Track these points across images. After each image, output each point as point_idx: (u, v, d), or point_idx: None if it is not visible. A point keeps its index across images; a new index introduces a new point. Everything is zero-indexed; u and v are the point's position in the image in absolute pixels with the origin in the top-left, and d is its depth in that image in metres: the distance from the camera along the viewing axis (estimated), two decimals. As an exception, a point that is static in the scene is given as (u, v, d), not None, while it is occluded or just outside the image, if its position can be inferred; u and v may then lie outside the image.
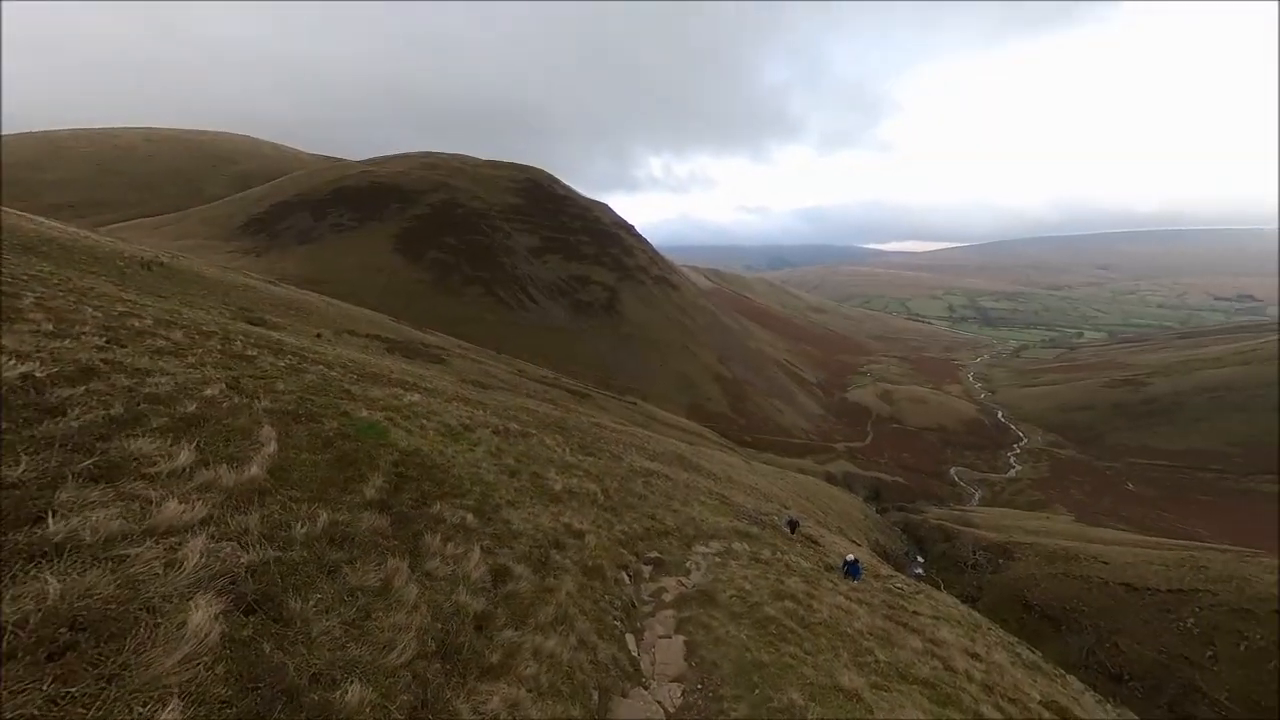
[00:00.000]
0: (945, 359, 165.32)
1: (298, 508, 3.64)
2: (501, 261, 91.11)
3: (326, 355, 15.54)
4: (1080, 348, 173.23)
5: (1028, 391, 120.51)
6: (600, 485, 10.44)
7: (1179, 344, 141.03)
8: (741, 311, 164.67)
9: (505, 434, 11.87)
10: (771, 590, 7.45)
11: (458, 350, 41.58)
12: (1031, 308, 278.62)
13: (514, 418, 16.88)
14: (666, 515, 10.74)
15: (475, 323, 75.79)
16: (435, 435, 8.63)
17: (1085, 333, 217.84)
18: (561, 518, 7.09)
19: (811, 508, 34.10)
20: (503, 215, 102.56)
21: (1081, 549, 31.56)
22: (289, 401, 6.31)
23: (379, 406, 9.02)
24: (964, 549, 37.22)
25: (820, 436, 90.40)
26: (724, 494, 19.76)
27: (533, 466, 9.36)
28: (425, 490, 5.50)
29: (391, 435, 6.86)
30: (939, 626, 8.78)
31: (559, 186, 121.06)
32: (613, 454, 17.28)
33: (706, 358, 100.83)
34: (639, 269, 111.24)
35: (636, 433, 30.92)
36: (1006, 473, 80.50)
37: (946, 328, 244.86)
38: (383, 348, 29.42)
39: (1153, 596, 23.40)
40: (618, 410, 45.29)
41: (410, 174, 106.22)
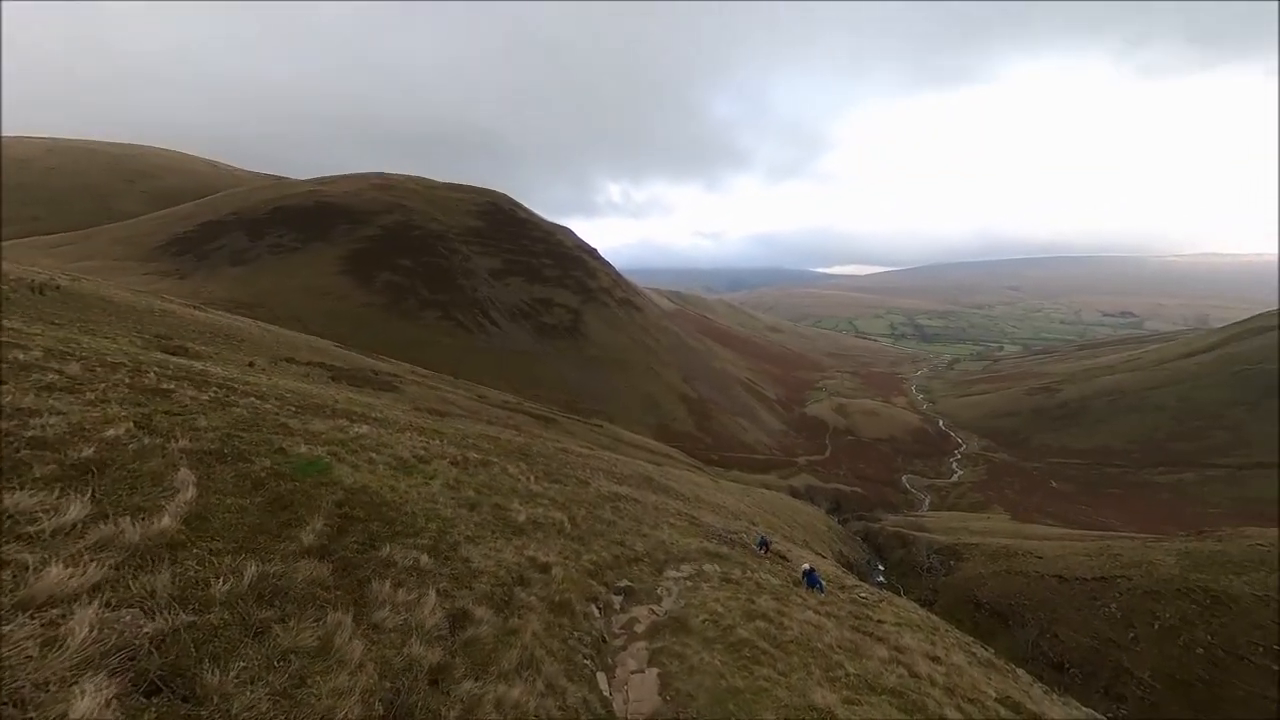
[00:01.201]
0: (891, 373, 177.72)
1: (219, 561, 3.21)
2: (461, 284, 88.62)
3: (260, 386, 14.18)
4: (1002, 360, 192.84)
5: (962, 401, 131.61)
6: (567, 513, 10.07)
7: (1079, 355, 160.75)
8: (704, 332, 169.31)
9: (464, 464, 11.25)
10: (743, 611, 7.40)
11: (412, 377, 39.37)
12: (960, 325, 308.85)
13: (474, 446, 16.07)
14: (636, 540, 10.49)
15: (432, 347, 72.47)
16: (386, 469, 8.02)
17: (1005, 346, 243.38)
18: (526, 551, 6.73)
19: (778, 523, 34.64)
20: (462, 238, 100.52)
21: (1019, 546, 34.12)
22: (212, 440, 5.66)
23: (321, 441, 8.30)
24: (919, 554, 39.10)
25: (783, 451, 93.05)
26: (693, 515, 19.67)
27: (494, 498, 8.89)
28: (374, 531, 5.05)
29: (335, 472, 6.30)
30: (902, 633, 9.06)
31: (521, 210, 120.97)
32: (579, 479, 16.80)
33: (671, 378, 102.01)
34: (602, 291, 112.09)
35: (604, 456, 30.35)
36: (950, 477, 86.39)
37: (890, 344, 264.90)
38: (327, 376, 27.29)
39: (1081, 586, 25.57)
40: (584, 434, 44.37)
41: (362, 194, 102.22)
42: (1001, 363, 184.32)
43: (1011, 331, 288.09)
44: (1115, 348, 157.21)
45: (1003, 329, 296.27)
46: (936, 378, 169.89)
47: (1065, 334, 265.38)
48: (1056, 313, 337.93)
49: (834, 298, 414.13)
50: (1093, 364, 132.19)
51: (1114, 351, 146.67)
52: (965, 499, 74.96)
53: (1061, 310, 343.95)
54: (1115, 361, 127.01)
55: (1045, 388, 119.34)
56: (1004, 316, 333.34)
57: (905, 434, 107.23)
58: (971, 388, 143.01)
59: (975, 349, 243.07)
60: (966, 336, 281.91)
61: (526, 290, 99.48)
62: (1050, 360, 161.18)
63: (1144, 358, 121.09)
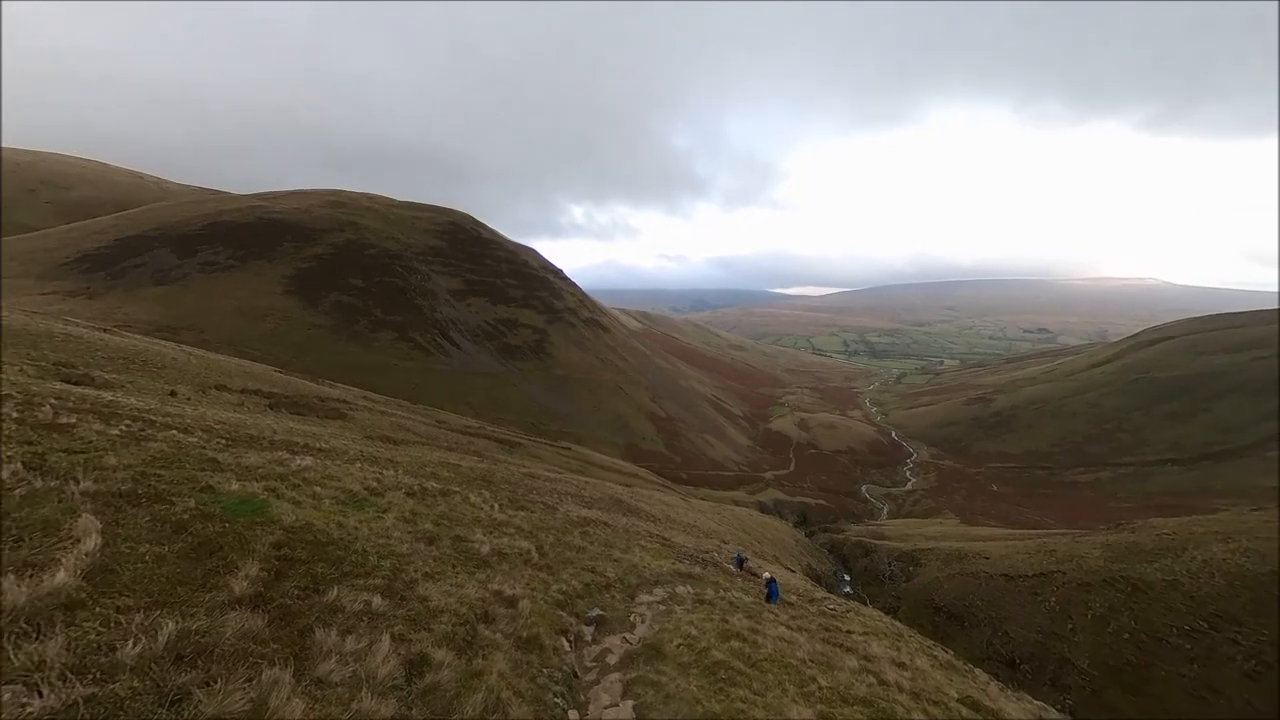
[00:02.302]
0: (846, 387, 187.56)
1: (128, 620, 2.80)
2: (419, 304, 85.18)
3: (183, 417, 12.75)
4: (943, 373, 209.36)
5: (911, 412, 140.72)
6: (534, 542, 9.64)
7: (1007, 368, 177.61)
8: (671, 351, 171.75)
9: (421, 495, 10.57)
10: (718, 632, 7.31)
11: (363, 402, 36.85)
12: (905, 341, 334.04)
13: (432, 475, 15.16)
14: (607, 566, 10.18)
15: (387, 371, 68.52)
16: (333, 505, 7.39)
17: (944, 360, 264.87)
18: (491, 584, 6.35)
19: (749, 540, 34.84)
20: (421, 257, 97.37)
21: (969, 548, 36.24)
22: (123, 480, 5.02)
23: (257, 476, 7.56)
24: (881, 562, 40.52)
25: (750, 467, 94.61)
26: (664, 535, 19.41)
27: (455, 529, 8.38)
28: (318, 574, 4.60)
29: (273, 509, 5.74)
30: (869, 642, 9.27)
31: (484, 230, 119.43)
32: (547, 505, 16.19)
33: (640, 397, 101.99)
34: (569, 311, 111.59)
35: (572, 479, 29.48)
36: (905, 485, 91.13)
37: (844, 360, 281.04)
38: (265, 404, 24.98)
39: (1024, 582, 27.41)
40: (551, 457, 43.04)
41: (312, 211, 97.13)
42: (942, 376, 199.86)
43: (949, 347, 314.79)
44: (1036, 360, 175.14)
45: (942, 345, 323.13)
46: (887, 391, 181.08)
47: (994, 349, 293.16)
48: (985, 330, 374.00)
49: (791, 317, 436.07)
50: (1018, 375, 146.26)
51: (1035, 364, 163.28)
52: (919, 505, 79.09)
53: (989, 327, 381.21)
54: (1036, 373, 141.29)
55: (980, 398, 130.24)
56: (942, 334, 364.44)
57: (862, 445, 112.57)
58: (918, 400, 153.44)
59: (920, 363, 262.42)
60: (911, 352, 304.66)
61: (490, 311, 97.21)
62: (983, 373, 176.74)
63: (1059, 369, 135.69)
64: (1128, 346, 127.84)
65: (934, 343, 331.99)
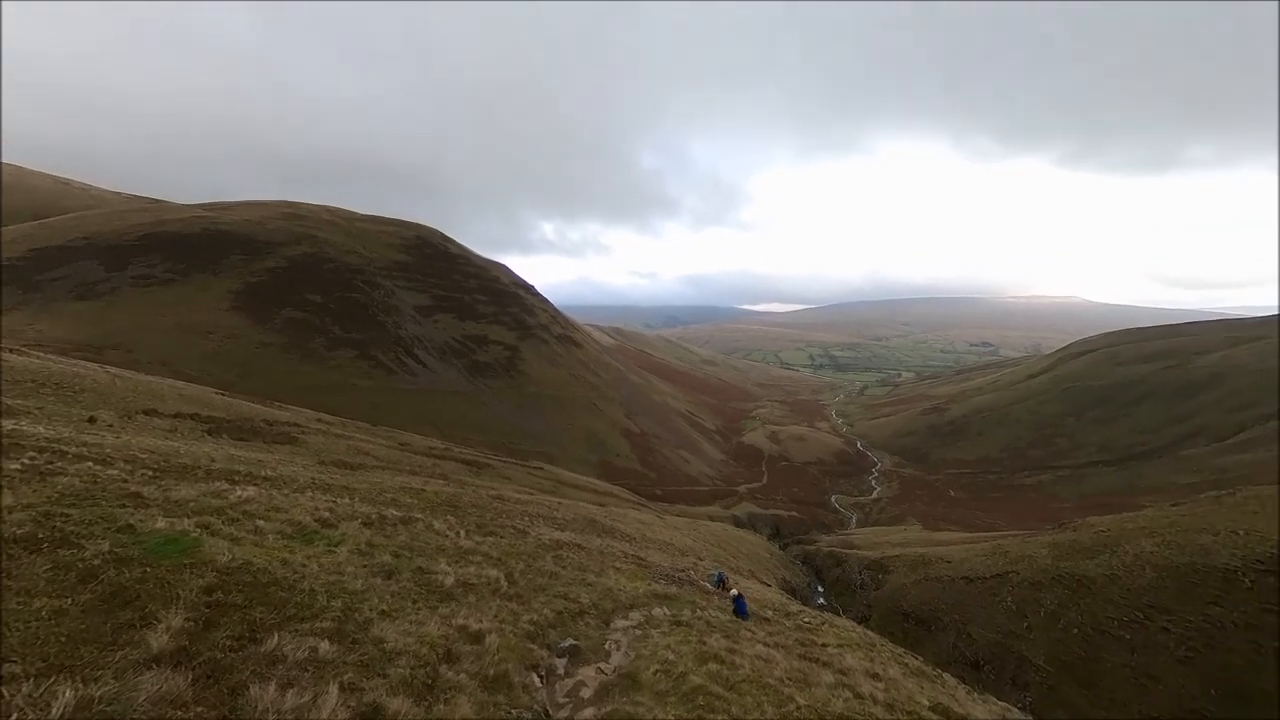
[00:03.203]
0: (814, 400, 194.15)
1: (13, 692, 2.40)
2: (382, 321, 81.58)
3: (102, 448, 11.43)
4: (901, 385, 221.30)
5: (874, 423, 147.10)
6: (503, 569, 9.17)
7: (957, 379, 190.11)
8: (644, 367, 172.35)
9: (380, 524, 9.88)
10: (695, 655, 7.14)
11: (317, 425, 34.44)
12: (866, 355, 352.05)
13: (393, 501, 14.25)
14: (581, 591, 9.80)
15: (345, 391, 64.70)
16: (278, 539, 6.77)
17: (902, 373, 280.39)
18: (455, 620, 5.94)
19: (724, 555, 34.71)
20: (385, 272, 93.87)
21: (932, 553, 37.66)
22: (19, 522, 4.41)
23: (189, 511, 6.84)
24: (852, 571, 41.35)
25: (724, 481, 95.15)
26: (640, 555, 19.00)
27: (417, 560, 7.85)
28: (256, 619, 4.15)
29: (205, 549, 5.18)
30: (844, 654, 9.34)
31: (453, 245, 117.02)
32: (517, 529, 15.52)
33: (614, 413, 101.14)
34: (541, 328, 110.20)
35: (544, 501, 28.51)
36: (871, 494, 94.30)
37: (810, 373, 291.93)
38: (202, 430, 22.84)
39: (983, 584, 28.68)
40: (522, 478, 41.57)
41: (266, 223, 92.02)
42: (900, 387, 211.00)
43: (905, 360, 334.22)
44: (981, 372, 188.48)
45: (899, 358, 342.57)
46: (851, 403, 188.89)
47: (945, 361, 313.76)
48: (937, 344, 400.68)
49: (760, 332, 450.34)
50: (967, 386, 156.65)
51: (981, 375, 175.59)
52: (885, 513, 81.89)
53: (940, 341, 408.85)
54: (983, 384, 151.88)
55: (935, 408, 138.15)
56: (899, 348, 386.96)
57: (831, 456, 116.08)
58: (880, 410, 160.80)
59: (880, 376, 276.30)
60: (871, 365, 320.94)
61: (458, 327, 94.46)
62: (937, 384, 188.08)
63: (1001, 380, 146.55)
64: (1059, 358, 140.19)
65: (892, 356, 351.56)
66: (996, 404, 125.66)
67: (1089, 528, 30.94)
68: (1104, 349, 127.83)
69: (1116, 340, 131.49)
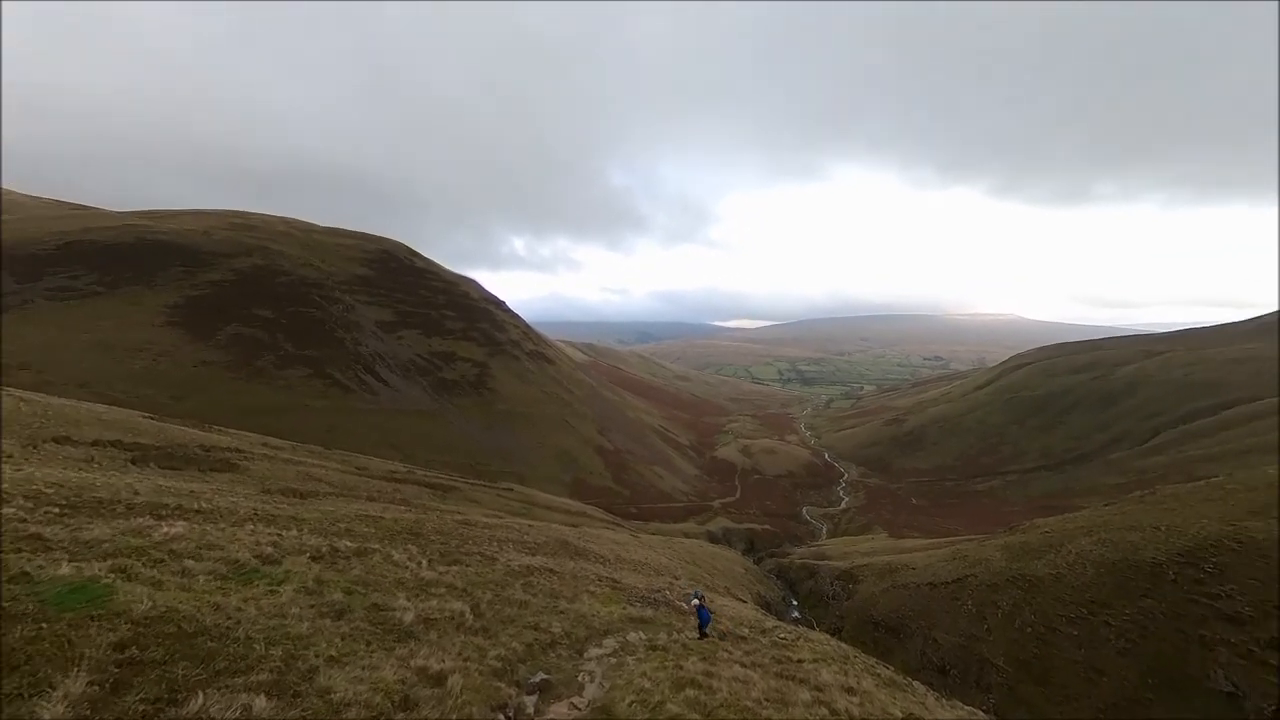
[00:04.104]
0: (783, 413, 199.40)
1: None
2: (340, 337, 77.34)
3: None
4: (864, 398, 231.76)
5: (840, 434, 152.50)
6: (469, 601, 8.64)
7: (914, 391, 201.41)
8: (618, 382, 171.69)
9: (331, 557, 9.12)
10: (672, 681, 6.93)
11: (263, 450, 31.76)
12: (831, 369, 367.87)
13: (347, 532, 13.23)
14: (553, 620, 9.36)
15: (296, 412, 60.36)
16: (210, 581, 6.09)
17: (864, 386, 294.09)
18: (414, 660, 5.49)
19: (700, 573, 34.36)
20: (345, 287, 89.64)
21: (898, 561, 38.88)
22: (-119, 577, 3.75)
23: (101, 553, 6.06)
24: (824, 583, 41.93)
25: (699, 496, 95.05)
26: (614, 578, 18.47)
27: (372, 596, 7.27)
28: (178, 677, 3.66)
29: (119, 597, 4.58)
30: (819, 669, 9.34)
31: (419, 259, 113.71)
32: (485, 556, 14.75)
33: (587, 430, 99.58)
34: (512, 344, 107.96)
35: (514, 524, 27.33)
36: (839, 505, 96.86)
37: (779, 387, 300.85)
38: (125, 458, 20.51)
39: (946, 589, 29.79)
40: (491, 500, 39.80)
41: (212, 233, 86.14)
42: (864, 400, 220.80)
43: (867, 374, 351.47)
44: (935, 384, 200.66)
45: (860, 372, 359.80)
46: (819, 415, 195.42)
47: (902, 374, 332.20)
48: (894, 358, 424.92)
49: (731, 348, 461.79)
50: (923, 398, 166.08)
51: (934, 387, 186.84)
52: (853, 523, 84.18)
53: (897, 356, 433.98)
54: (936, 395, 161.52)
55: (895, 419, 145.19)
56: (860, 362, 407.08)
57: (800, 468, 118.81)
58: (845, 422, 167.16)
59: (844, 389, 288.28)
60: (836, 379, 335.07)
61: (424, 343, 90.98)
62: (896, 396, 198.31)
63: (953, 391, 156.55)
64: (1001, 371, 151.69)
65: (854, 370, 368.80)
66: (949, 414, 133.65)
67: (1036, 529, 33.00)
68: (1038, 362, 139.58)
69: (1048, 354, 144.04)
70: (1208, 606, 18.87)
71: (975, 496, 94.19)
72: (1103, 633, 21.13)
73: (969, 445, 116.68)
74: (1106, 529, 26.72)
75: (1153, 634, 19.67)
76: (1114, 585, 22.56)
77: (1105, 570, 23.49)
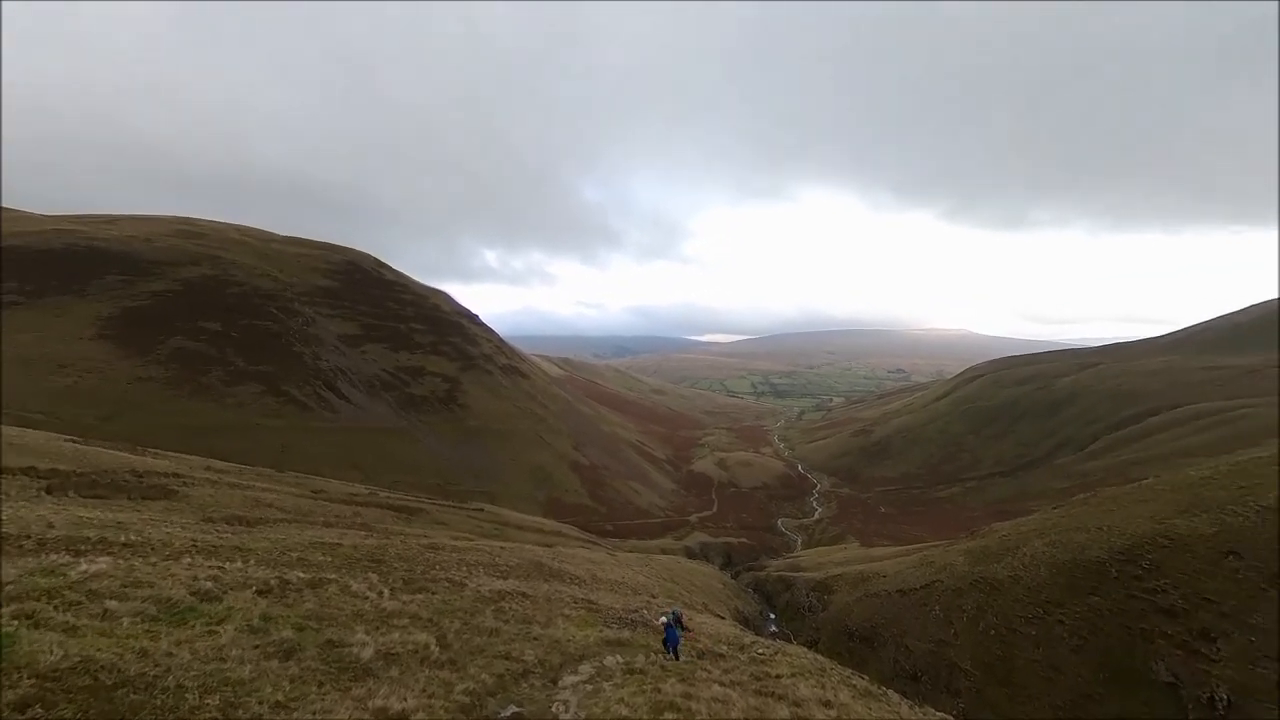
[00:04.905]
0: (757, 426, 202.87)
1: None
2: (298, 352, 73.13)
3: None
4: (833, 409, 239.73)
5: (812, 445, 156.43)
6: (435, 632, 8.14)
7: (879, 403, 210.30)
8: (593, 397, 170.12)
9: (281, 590, 8.41)
10: (650, 706, 6.72)
11: (205, 474, 29.21)
12: (801, 382, 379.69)
13: (300, 561, 12.27)
14: (526, 648, 8.93)
15: (247, 431, 56.18)
16: (135, 623, 5.48)
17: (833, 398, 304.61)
18: (372, 701, 5.08)
19: (678, 590, 33.86)
20: (306, 298, 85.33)
21: (870, 569, 39.74)
22: None
23: (4, 597, 5.35)
24: (800, 595, 42.22)
25: (676, 511, 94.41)
26: (591, 599, 17.91)
27: (327, 631, 6.73)
28: (92, 738, 3.24)
29: (23, 647, 4.06)
30: (797, 684, 9.32)
31: (388, 271, 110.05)
32: (453, 582, 13.99)
33: (562, 446, 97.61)
34: (484, 358, 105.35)
35: (485, 546, 26.15)
36: (813, 515, 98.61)
37: (753, 400, 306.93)
38: (38, 487, 18.33)
39: (915, 595, 30.62)
40: (460, 522, 38.00)
41: (155, 241, 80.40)
42: (833, 411, 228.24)
43: (835, 386, 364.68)
44: (898, 395, 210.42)
45: (829, 385, 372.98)
46: (791, 427, 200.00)
47: (868, 386, 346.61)
48: (860, 370, 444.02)
49: (706, 361, 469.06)
50: (887, 409, 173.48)
51: (898, 399, 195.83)
52: (826, 533, 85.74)
53: (862, 369, 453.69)
54: (899, 407, 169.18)
55: (863, 430, 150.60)
56: (829, 375, 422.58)
57: (775, 480, 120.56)
58: (816, 434, 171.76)
59: (815, 401, 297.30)
60: (807, 391, 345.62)
61: (390, 358, 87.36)
62: (863, 408, 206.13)
63: (915, 402, 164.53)
64: (957, 383, 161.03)
65: (824, 383, 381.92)
66: (912, 425, 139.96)
67: (994, 533, 34.65)
68: (990, 374, 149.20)
69: (998, 367, 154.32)
70: (1146, 601, 20.25)
71: (939, 503, 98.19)
72: (1057, 631, 22.21)
73: (931, 454, 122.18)
74: (1056, 530, 28.38)
75: (1101, 630, 20.84)
76: (1065, 584, 23.86)
77: (1057, 570, 24.85)
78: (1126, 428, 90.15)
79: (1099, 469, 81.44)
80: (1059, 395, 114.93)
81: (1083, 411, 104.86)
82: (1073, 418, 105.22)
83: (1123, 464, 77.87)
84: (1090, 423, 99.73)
